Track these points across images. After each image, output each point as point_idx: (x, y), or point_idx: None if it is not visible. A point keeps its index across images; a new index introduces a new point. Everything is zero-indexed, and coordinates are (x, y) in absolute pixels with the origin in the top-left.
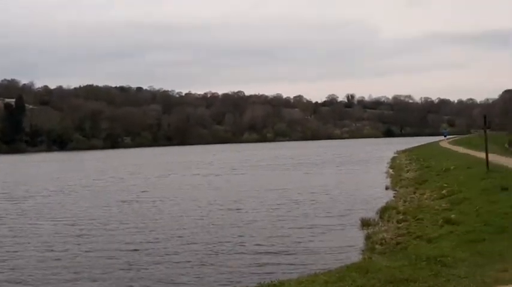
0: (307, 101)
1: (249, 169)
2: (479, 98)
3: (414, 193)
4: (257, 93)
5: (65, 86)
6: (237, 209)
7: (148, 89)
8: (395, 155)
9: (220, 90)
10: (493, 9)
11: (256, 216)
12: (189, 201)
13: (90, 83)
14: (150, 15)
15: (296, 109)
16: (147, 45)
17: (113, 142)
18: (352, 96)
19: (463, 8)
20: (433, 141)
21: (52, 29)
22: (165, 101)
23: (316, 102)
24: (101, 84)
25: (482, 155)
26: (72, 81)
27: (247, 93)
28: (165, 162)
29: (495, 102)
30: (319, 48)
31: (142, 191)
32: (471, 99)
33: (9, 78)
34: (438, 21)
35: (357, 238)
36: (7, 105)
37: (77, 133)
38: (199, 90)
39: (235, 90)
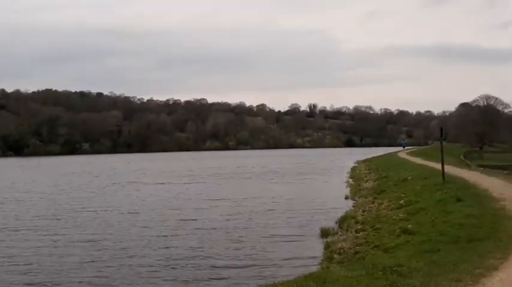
0: (270, 109)
1: (208, 178)
2: (436, 110)
3: (373, 202)
4: (220, 101)
5: (22, 89)
6: (194, 220)
7: (109, 94)
8: (356, 165)
9: (183, 98)
10: (450, 23)
11: (213, 227)
12: (141, 212)
13: (49, 87)
14: (112, 19)
15: (259, 118)
16: (108, 50)
17: (71, 148)
18: (314, 106)
19: (422, 22)
20: (391, 151)
21: (10, 31)
22: (126, 107)
23: (279, 111)
24: (60, 89)
25: (439, 166)
26: (30, 85)
27: (210, 101)
28: (119, 169)
29: (451, 115)
30: (282, 57)
31: (87, 201)
32: (429, 111)
33: None
34: (398, 34)
35: (316, 247)
36: None
37: (34, 138)
38: (161, 97)
39: (198, 98)
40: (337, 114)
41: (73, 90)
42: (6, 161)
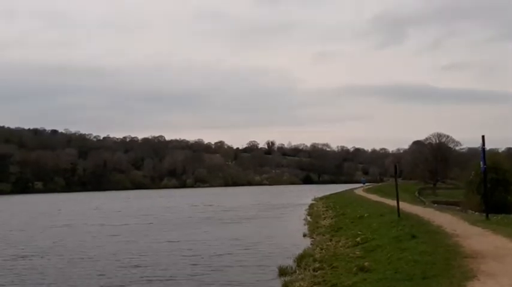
0: (228, 147)
1: (159, 218)
2: (391, 148)
3: (330, 240)
4: (178, 138)
5: None
6: (139, 267)
7: (64, 132)
8: (313, 202)
9: (141, 135)
10: (400, 64)
11: (161, 275)
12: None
13: (1, 124)
14: (64, 57)
15: (217, 155)
16: (61, 88)
17: (22, 187)
18: (272, 143)
19: (372, 63)
20: (348, 188)
21: None
22: (81, 144)
23: (237, 149)
24: (12, 126)
25: (395, 203)
26: None
27: (167, 138)
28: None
29: (405, 152)
30: (240, 95)
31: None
32: (383, 148)
33: None
34: (350, 75)
35: None
36: None
37: None
38: (118, 134)
39: (156, 135)
40: (295, 151)
41: (26, 128)
42: None
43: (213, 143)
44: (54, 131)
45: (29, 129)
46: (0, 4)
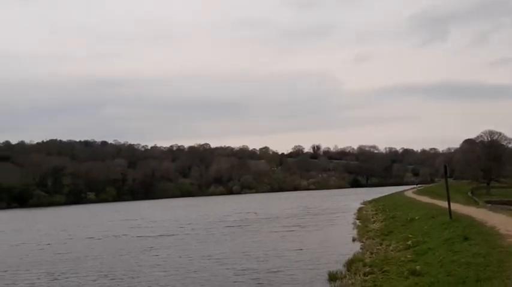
0: (273, 152)
1: (213, 226)
2: (441, 148)
3: (380, 244)
4: (223, 146)
5: (27, 141)
6: (195, 272)
7: (113, 143)
8: (362, 205)
9: (186, 143)
10: (446, 61)
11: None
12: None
13: (53, 137)
14: (109, 69)
15: (262, 161)
16: (111, 99)
17: (76, 198)
18: (318, 147)
19: (418, 62)
20: (398, 190)
21: (11, 86)
22: (130, 155)
23: (283, 154)
24: (64, 139)
25: (446, 204)
26: (34, 137)
27: (213, 145)
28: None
29: (456, 152)
30: (282, 100)
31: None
32: (433, 148)
33: None
34: (396, 74)
35: None
36: None
37: (39, 189)
38: (165, 143)
39: (201, 143)
40: (342, 154)
41: (77, 140)
42: (7, 213)
43: (257, 149)
44: (104, 143)
45: (79, 141)
46: (46, 21)
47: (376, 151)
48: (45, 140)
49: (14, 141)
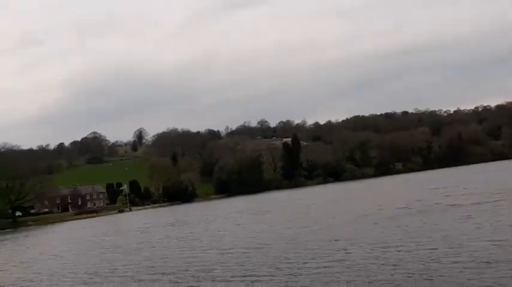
0: None
1: None
2: None
3: None
4: None
5: (333, 120)
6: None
7: (414, 111)
8: None
9: (493, 102)
10: None
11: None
12: None
13: (356, 114)
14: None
15: None
16: (408, 69)
17: (384, 169)
18: None
19: None
20: None
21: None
22: (433, 122)
23: None
24: (366, 113)
25: None
26: (339, 115)
27: None
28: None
29: None
30: None
31: None
32: None
33: (284, 119)
34: None
35: None
36: (285, 145)
37: (349, 163)
38: (468, 105)
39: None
40: None
41: (378, 113)
42: (325, 187)
43: None
44: (405, 113)
45: (381, 114)
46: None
47: None
48: (349, 117)
49: (321, 121)
